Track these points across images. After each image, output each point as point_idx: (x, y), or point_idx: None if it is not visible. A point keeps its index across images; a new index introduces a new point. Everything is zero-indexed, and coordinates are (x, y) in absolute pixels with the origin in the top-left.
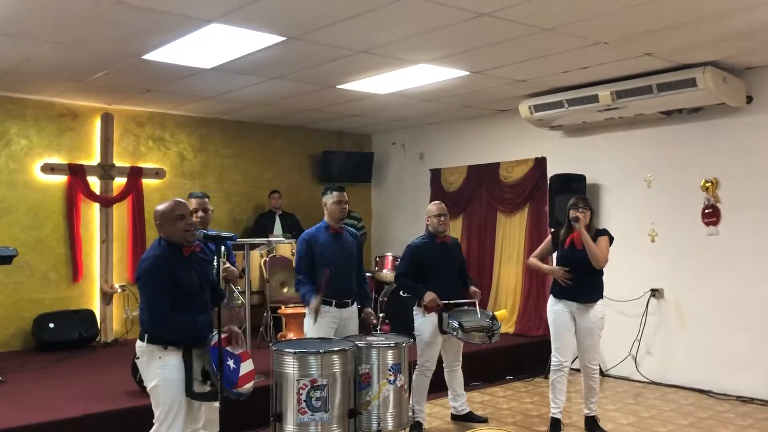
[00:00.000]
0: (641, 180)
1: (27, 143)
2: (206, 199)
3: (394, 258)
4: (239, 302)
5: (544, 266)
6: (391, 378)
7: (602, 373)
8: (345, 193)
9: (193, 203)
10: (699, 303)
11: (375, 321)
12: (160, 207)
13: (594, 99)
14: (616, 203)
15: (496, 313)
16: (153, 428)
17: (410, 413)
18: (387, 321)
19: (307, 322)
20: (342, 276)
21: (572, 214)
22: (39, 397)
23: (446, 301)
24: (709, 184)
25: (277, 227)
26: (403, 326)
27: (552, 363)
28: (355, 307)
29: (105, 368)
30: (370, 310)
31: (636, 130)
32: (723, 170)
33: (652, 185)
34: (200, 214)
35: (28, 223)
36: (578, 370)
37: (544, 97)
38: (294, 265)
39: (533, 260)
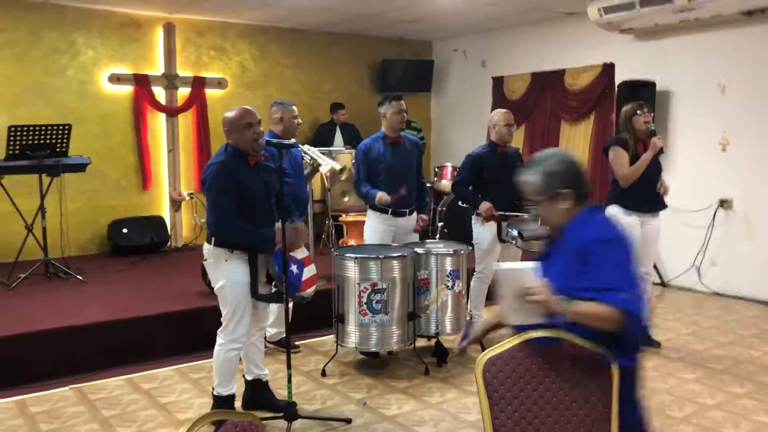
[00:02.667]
0: (715, 86)
1: (93, 54)
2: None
3: (454, 168)
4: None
5: (642, 159)
6: (450, 284)
7: (664, 284)
8: (403, 102)
9: (293, 110)
10: None
11: (421, 224)
12: (230, 114)
13: None
14: (687, 111)
15: None
16: (221, 327)
17: (468, 317)
18: (445, 230)
19: (367, 229)
20: (398, 185)
21: (644, 120)
22: (117, 297)
23: (501, 213)
24: None
25: (338, 138)
26: (462, 235)
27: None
28: (414, 216)
29: (176, 271)
30: (423, 216)
31: (712, 32)
32: None
33: (726, 91)
34: (298, 121)
35: (99, 133)
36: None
37: None
38: (353, 175)
39: (629, 170)
